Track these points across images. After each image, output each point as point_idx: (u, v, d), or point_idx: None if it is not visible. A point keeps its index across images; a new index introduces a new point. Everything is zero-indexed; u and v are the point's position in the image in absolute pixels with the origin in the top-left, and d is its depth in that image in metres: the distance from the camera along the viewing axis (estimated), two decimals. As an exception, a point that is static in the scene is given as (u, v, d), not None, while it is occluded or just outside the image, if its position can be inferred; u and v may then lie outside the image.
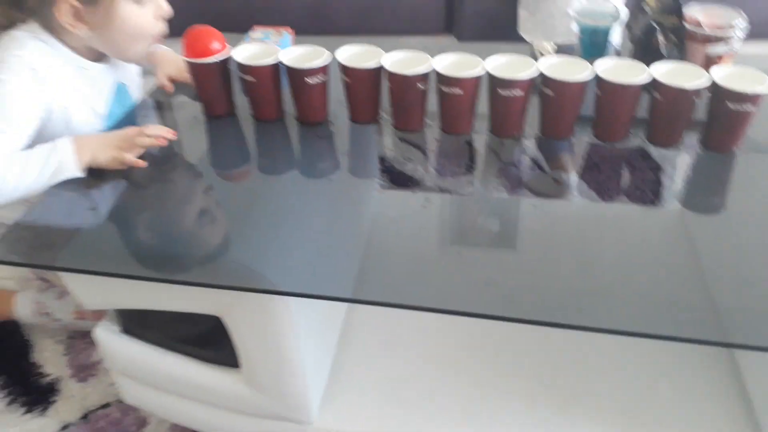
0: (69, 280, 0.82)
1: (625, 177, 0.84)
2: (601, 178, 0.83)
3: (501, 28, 1.65)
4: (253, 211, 0.80)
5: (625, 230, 0.77)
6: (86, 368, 1.17)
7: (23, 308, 1.18)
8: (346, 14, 1.71)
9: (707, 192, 0.85)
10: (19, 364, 1.19)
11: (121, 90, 0.98)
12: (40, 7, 0.85)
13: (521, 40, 1.62)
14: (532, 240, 0.76)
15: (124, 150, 0.83)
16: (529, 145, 0.89)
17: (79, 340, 1.22)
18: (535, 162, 0.86)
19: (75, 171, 0.80)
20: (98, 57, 0.94)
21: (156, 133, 0.85)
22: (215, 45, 0.91)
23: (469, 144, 0.90)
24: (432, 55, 0.88)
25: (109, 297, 0.83)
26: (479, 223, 0.80)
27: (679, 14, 0.95)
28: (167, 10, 0.91)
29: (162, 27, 0.92)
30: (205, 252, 0.75)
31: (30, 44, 0.85)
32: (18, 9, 0.86)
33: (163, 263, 0.73)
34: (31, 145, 0.82)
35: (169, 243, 0.77)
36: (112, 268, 0.72)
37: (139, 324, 0.88)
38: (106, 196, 0.82)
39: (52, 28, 0.87)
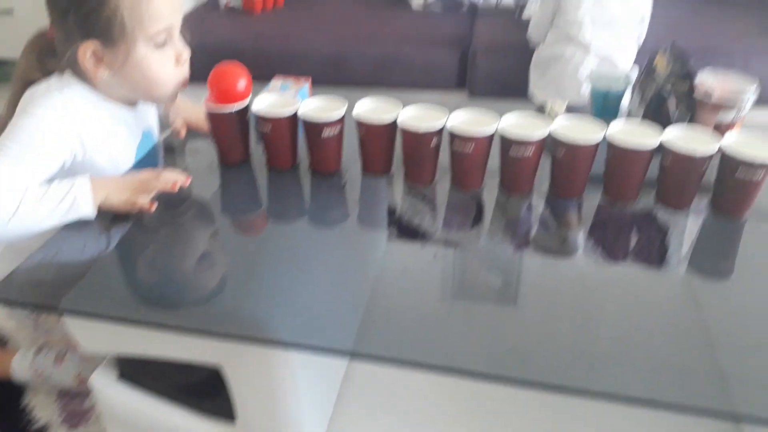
0: (69, 323, 0.81)
1: (634, 239, 0.83)
2: (609, 239, 0.82)
3: (512, 86, 1.68)
4: (260, 260, 0.80)
5: (631, 293, 0.75)
6: (78, 415, 1.14)
7: (21, 371, 1.17)
8: (364, 67, 1.76)
9: (716, 257, 0.83)
10: (8, 409, 1.16)
11: (145, 134, 1.00)
12: (67, 52, 0.87)
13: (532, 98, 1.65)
14: (538, 300, 0.75)
15: (137, 193, 0.83)
16: (539, 203, 0.89)
17: (74, 383, 1.19)
18: (543, 220, 0.86)
19: (88, 210, 0.81)
20: (129, 102, 0.96)
21: (171, 177, 0.86)
22: (241, 84, 0.92)
23: (479, 200, 0.90)
24: (445, 111, 0.89)
25: (109, 342, 0.82)
26: (485, 280, 0.79)
27: (691, 81, 0.96)
28: (187, 54, 0.92)
29: (184, 71, 0.93)
30: (208, 300, 0.74)
31: (65, 90, 0.88)
32: (51, 55, 0.89)
33: (166, 309, 0.72)
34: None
35: (173, 289, 0.76)
36: (113, 312, 0.71)
37: (137, 371, 0.86)
38: (113, 239, 0.82)
39: (82, 75, 0.89)
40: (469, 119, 0.89)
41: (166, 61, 0.90)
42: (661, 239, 0.83)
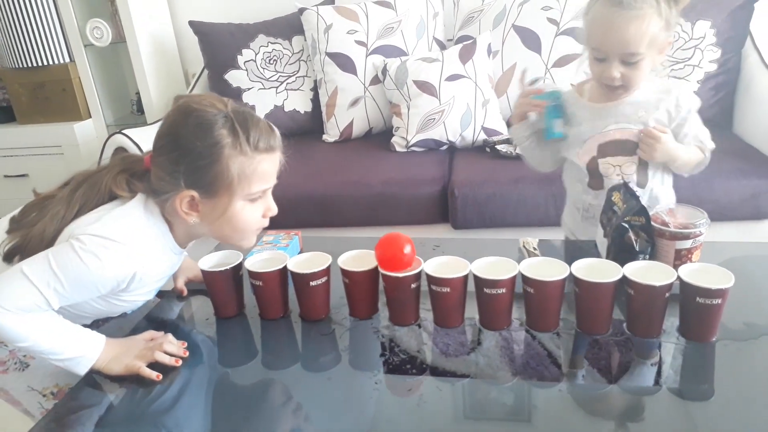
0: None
1: (609, 368, 0.87)
2: (586, 369, 0.86)
3: (490, 216, 1.81)
4: (256, 410, 0.83)
5: (618, 419, 0.79)
6: None
7: None
8: (354, 208, 1.88)
9: (693, 381, 0.86)
10: None
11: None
12: (164, 192, 0.90)
13: (507, 225, 1.77)
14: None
15: (138, 359, 0.89)
16: (517, 338, 0.94)
17: None
18: (518, 355, 0.91)
19: (83, 370, 0.87)
20: (183, 243, 0.99)
21: (174, 351, 0.92)
22: (407, 249, 0.96)
23: (462, 337, 0.96)
24: (428, 243, 0.96)
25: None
26: (476, 417, 0.82)
27: (646, 215, 1.05)
28: (275, 210, 0.97)
29: (266, 223, 0.97)
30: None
31: (137, 216, 0.91)
32: (138, 179, 0.94)
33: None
34: None
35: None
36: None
37: None
38: (109, 399, 0.86)
39: (164, 207, 0.93)
40: (445, 263, 0.97)
41: (256, 214, 0.94)
42: (636, 367, 0.87)
